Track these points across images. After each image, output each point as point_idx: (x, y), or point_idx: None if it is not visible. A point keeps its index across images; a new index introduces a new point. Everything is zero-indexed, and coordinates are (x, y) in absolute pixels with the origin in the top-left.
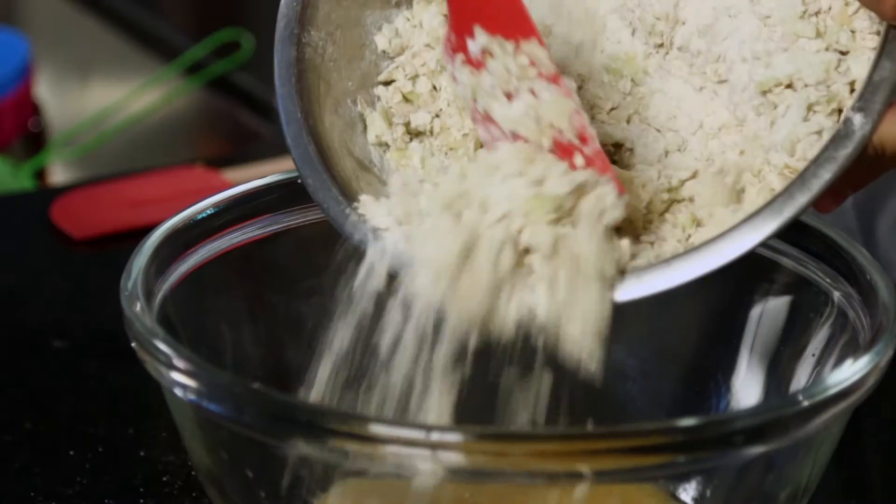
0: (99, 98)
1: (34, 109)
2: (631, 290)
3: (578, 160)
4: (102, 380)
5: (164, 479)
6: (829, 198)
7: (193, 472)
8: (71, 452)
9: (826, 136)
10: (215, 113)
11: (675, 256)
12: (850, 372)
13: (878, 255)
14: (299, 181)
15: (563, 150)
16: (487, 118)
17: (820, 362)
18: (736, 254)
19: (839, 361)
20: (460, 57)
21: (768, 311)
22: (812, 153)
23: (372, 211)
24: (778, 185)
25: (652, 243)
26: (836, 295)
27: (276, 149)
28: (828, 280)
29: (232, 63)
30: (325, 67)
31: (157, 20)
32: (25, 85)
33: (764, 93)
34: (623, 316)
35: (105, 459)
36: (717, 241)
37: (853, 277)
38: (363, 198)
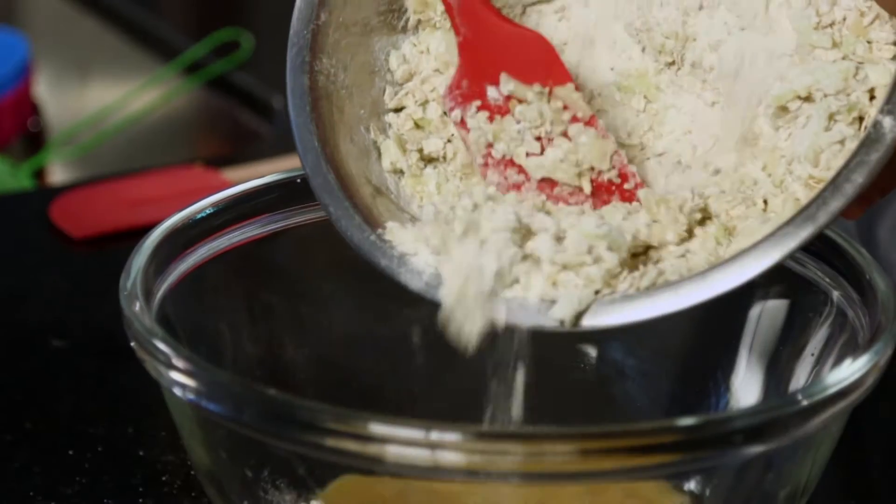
0: (98, 97)
1: (33, 109)
2: (668, 303)
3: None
4: (101, 379)
5: (164, 478)
6: (856, 204)
7: (192, 472)
8: (70, 452)
9: (850, 145)
10: (214, 112)
11: (712, 268)
12: (849, 371)
13: (877, 256)
14: (299, 181)
15: (602, 190)
16: (509, 163)
17: (819, 362)
18: (772, 261)
19: (838, 361)
20: (475, 103)
21: (767, 311)
22: (836, 162)
23: (399, 237)
24: (802, 195)
25: (683, 255)
26: (836, 294)
27: (276, 148)
28: (827, 280)
29: (231, 63)
30: (338, 95)
31: (156, 20)
32: (25, 84)
33: (781, 107)
34: None
35: (104, 459)
36: (753, 249)
37: (852, 277)
38: (389, 224)
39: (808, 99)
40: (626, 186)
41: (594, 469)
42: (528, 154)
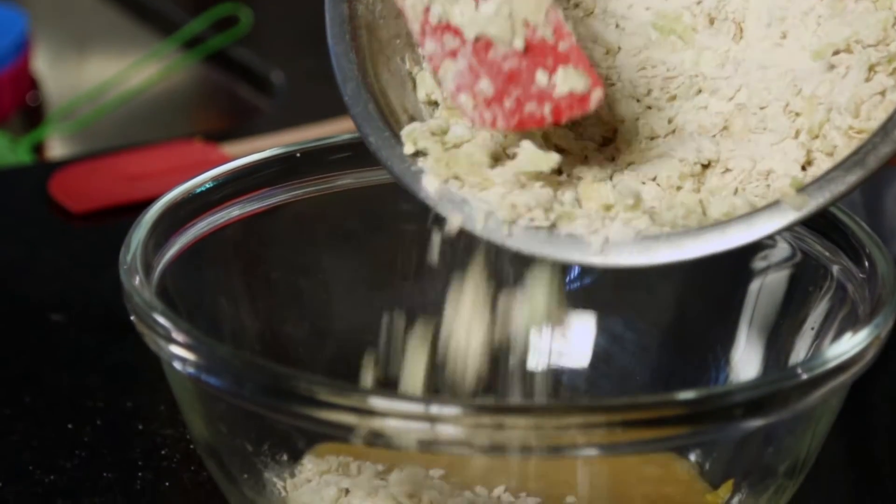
0: (97, 72)
1: (32, 83)
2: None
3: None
4: (101, 353)
5: (163, 452)
6: None
7: (192, 446)
8: (69, 426)
9: (890, 96)
10: (214, 87)
11: (764, 206)
12: (849, 345)
13: (883, 226)
14: (299, 155)
15: (536, 50)
16: (444, 28)
17: (819, 336)
18: (819, 204)
19: (838, 335)
20: None
21: (767, 285)
22: (877, 113)
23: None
24: (843, 144)
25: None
26: (835, 269)
27: (275, 123)
28: (827, 254)
29: (230, 37)
30: (377, 24)
31: None
32: (24, 59)
33: (818, 58)
34: (622, 289)
35: (103, 433)
36: (801, 192)
37: (852, 251)
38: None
39: (846, 50)
40: (561, 44)
41: (593, 443)
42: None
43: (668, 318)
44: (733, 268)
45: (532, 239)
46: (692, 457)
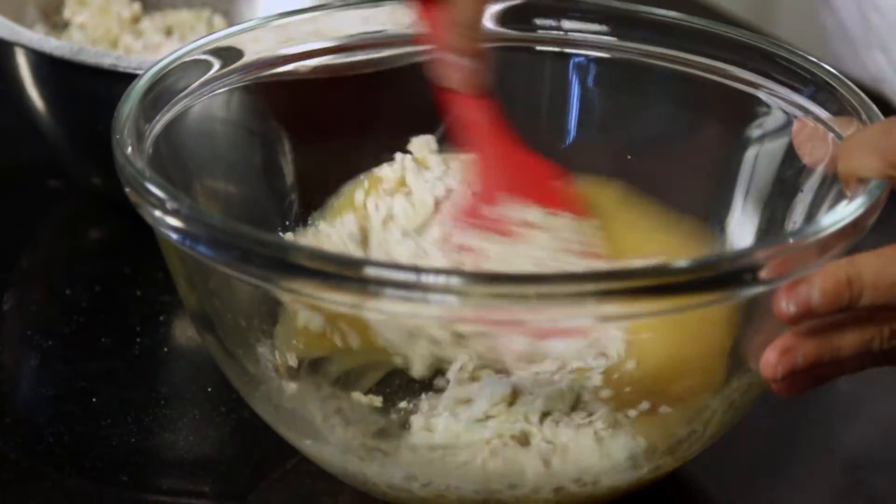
0: None
1: None
2: None
3: None
4: (99, 220)
5: (161, 318)
6: None
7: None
8: (67, 292)
9: None
10: None
11: None
12: (845, 213)
13: None
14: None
15: None
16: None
17: (814, 204)
18: None
19: (834, 203)
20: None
21: (763, 153)
22: None
23: None
24: None
25: None
26: (831, 136)
27: None
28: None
29: None
30: None
31: None
32: None
33: None
34: (616, 160)
35: (101, 298)
36: None
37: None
38: None
39: None
40: None
41: (584, 312)
42: None
43: (664, 186)
44: (728, 137)
45: None
46: None
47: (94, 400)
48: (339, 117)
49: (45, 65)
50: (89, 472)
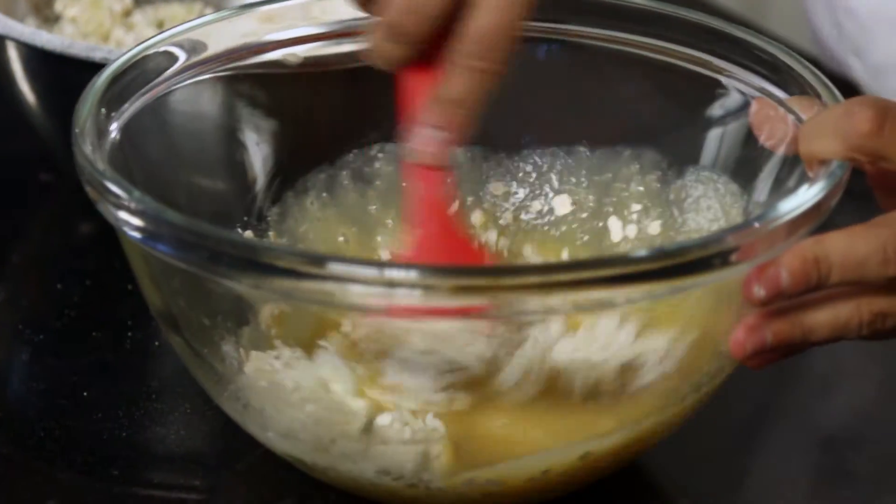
0: None
1: None
2: None
3: None
4: (90, 214)
5: (151, 312)
6: None
7: None
8: (59, 286)
9: None
10: None
11: None
12: (807, 195)
13: None
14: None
15: None
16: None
17: (775, 187)
18: None
19: (797, 186)
20: None
21: (726, 135)
22: None
23: None
24: None
25: None
26: (791, 118)
27: None
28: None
29: None
30: None
31: None
32: None
33: None
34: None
35: (92, 293)
36: None
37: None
38: None
39: None
40: None
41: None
42: None
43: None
44: (692, 116)
45: None
46: None
47: (85, 394)
48: (304, 110)
49: (37, 58)
50: (80, 466)
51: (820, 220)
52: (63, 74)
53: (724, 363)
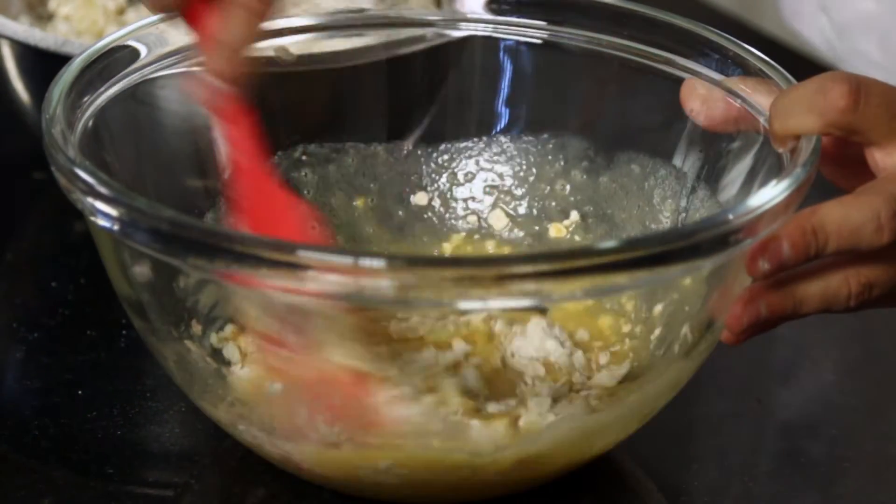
0: None
1: None
2: None
3: None
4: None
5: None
6: None
7: None
8: (53, 284)
9: None
10: None
11: None
12: (796, 172)
13: None
14: None
15: None
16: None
17: (746, 185)
18: None
19: (763, 184)
20: None
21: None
22: None
23: None
24: None
25: None
26: (761, 119)
27: None
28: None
29: None
30: None
31: None
32: None
33: None
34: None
35: (87, 291)
36: None
37: None
38: None
39: None
40: None
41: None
42: None
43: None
44: (664, 120)
45: None
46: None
47: (79, 392)
48: (266, 104)
49: (30, 56)
50: (75, 464)
51: (807, 189)
52: (57, 72)
53: None
